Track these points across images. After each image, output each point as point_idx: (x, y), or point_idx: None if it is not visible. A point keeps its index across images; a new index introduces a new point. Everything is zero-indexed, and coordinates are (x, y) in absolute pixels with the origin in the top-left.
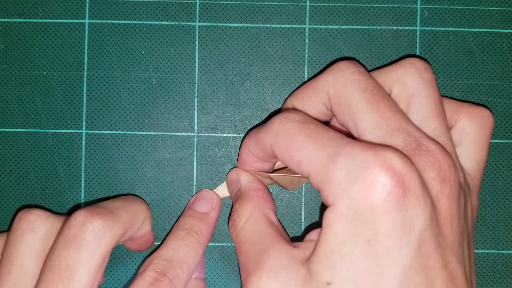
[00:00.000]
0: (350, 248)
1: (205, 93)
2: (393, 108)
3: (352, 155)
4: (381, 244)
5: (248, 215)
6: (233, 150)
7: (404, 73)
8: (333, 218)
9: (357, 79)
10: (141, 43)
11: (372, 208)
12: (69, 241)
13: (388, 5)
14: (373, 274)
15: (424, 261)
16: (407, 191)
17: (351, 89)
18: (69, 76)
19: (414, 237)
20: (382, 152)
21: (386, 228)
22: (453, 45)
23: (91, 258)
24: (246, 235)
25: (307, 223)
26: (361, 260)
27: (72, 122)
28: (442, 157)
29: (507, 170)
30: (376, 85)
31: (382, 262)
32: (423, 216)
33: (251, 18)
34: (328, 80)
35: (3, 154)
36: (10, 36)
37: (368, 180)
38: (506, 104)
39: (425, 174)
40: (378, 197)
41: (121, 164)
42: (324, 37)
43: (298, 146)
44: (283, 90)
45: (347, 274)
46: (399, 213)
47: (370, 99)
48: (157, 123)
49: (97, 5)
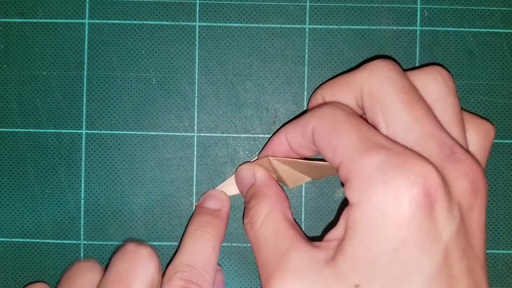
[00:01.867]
0: (377, 253)
1: (205, 93)
2: (428, 112)
3: (391, 154)
4: (408, 252)
5: (266, 213)
6: (233, 150)
7: (429, 80)
8: (359, 219)
9: (393, 78)
10: (141, 43)
11: (400, 214)
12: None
13: (388, 5)
14: (400, 280)
15: (449, 269)
16: (437, 202)
17: (386, 87)
18: (69, 76)
19: (440, 247)
20: (420, 160)
21: (413, 237)
22: (453, 45)
23: None
24: (264, 234)
25: (307, 223)
26: (388, 266)
27: (72, 122)
28: (475, 167)
29: (507, 170)
30: (412, 86)
31: (408, 270)
32: (450, 227)
33: (251, 18)
34: (363, 75)
35: (3, 154)
36: (10, 36)
37: (401, 184)
38: (506, 104)
39: (459, 183)
40: (408, 204)
41: (121, 164)
42: (324, 37)
43: (341, 131)
44: (283, 90)
45: (375, 278)
46: (427, 222)
47: (405, 100)
48: (157, 123)
49: (97, 5)
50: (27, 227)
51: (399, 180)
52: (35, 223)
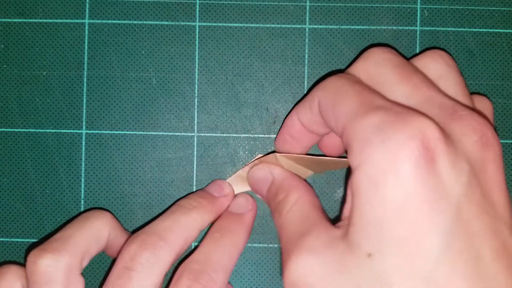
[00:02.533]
0: (383, 216)
1: (205, 93)
2: (425, 79)
3: (388, 113)
4: (415, 209)
5: (294, 201)
6: (233, 150)
7: (429, 60)
8: (361, 182)
9: (387, 58)
10: (141, 43)
11: (401, 171)
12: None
13: (388, 5)
14: (414, 242)
15: (466, 226)
16: (439, 155)
17: (382, 67)
18: (69, 76)
19: (451, 201)
20: (417, 116)
21: (418, 193)
22: (453, 45)
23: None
24: (290, 219)
25: None
26: (397, 228)
27: (72, 122)
28: (482, 122)
29: (507, 170)
30: (407, 62)
31: (419, 229)
32: (459, 181)
33: (251, 18)
34: (359, 66)
35: (3, 154)
36: (10, 36)
37: (399, 140)
38: (506, 104)
39: (466, 137)
40: (408, 160)
41: (121, 164)
42: (324, 37)
43: (344, 98)
44: (283, 90)
45: (387, 244)
46: (431, 177)
47: (402, 72)
48: (157, 123)
49: (97, 5)
50: (27, 227)
51: (397, 136)
52: (35, 223)
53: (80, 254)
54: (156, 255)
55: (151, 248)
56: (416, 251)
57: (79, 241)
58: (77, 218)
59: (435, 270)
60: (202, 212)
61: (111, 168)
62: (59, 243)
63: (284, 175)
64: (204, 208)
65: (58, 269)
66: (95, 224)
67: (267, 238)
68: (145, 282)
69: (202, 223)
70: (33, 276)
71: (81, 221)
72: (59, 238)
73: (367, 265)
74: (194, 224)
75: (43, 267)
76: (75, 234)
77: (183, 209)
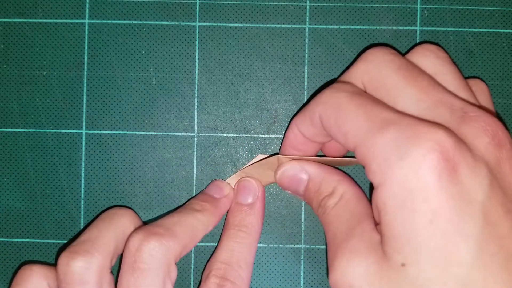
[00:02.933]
0: (413, 230)
1: (205, 93)
2: (432, 81)
3: (401, 128)
4: (445, 220)
5: (339, 197)
6: (233, 150)
7: (419, 58)
8: (387, 200)
9: (390, 59)
10: (141, 43)
11: (425, 186)
12: (132, 270)
13: (388, 5)
14: (447, 251)
15: (495, 230)
16: (459, 164)
17: (385, 70)
18: (69, 76)
19: (477, 207)
20: (431, 127)
21: (445, 204)
22: (453, 45)
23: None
24: (335, 214)
25: (307, 223)
26: (429, 239)
27: (72, 122)
28: (492, 121)
29: None
30: (409, 62)
31: (451, 238)
32: (481, 185)
33: (251, 18)
34: (359, 68)
35: (3, 154)
36: (10, 36)
37: (417, 156)
38: (506, 104)
39: (479, 140)
40: (430, 174)
41: (121, 164)
42: (324, 37)
43: (348, 115)
44: (283, 90)
45: (419, 255)
46: (455, 187)
47: (406, 75)
48: (157, 123)
49: (97, 5)
50: (27, 227)
51: (415, 152)
52: (35, 223)
53: (110, 253)
54: (163, 244)
55: (159, 238)
56: (450, 259)
57: (108, 241)
58: (102, 217)
59: (471, 274)
60: (206, 214)
61: (111, 168)
62: (89, 245)
63: (322, 170)
64: (207, 211)
65: (91, 270)
66: (121, 222)
67: (267, 238)
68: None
69: (207, 224)
70: (66, 277)
71: (107, 220)
72: (88, 239)
73: (402, 274)
74: (199, 225)
75: (76, 268)
76: (103, 235)
77: (188, 211)
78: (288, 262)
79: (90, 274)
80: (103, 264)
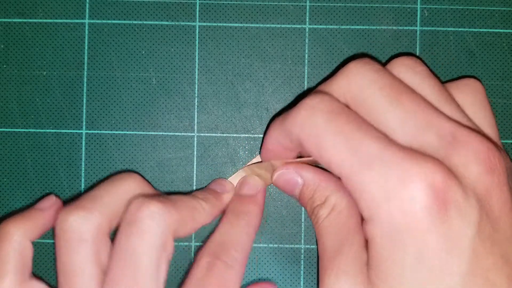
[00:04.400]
0: (400, 266)
1: (205, 93)
2: (416, 100)
3: (387, 165)
4: (432, 258)
5: (331, 208)
6: (233, 150)
7: (396, 73)
8: (375, 234)
9: (371, 78)
10: (141, 43)
11: (414, 226)
12: (129, 228)
13: (388, 5)
14: (433, 284)
15: (482, 263)
16: (448, 203)
17: (367, 90)
18: (69, 76)
19: (465, 244)
20: (418, 164)
21: (433, 243)
22: (453, 45)
23: (152, 241)
24: (327, 226)
25: (307, 223)
26: (415, 274)
27: (72, 122)
28: (484, 145)
29: None
30: (394, 79)
31: (438, 272)
32: (470, 223)
33: (251, 18)
34: (340, 83)
35: (3, 154)
36: (10, 36)
37: (405, 197)
38: (506, 104)
39: (470, 168)
40: (419, 214)
41: (121, 164)
42: (324, 37)
43: (327, 144)
44: (283, 90)
45: (406, 286)
46: (443, 226)
47: (390, 94)
48: (157, 123)
49: (97, 5)
50: None
51: (403, 193)
52: None
53: (110, 214)
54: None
55: (160, 203)
56: None
57: (109, 201)
58: (109, 180)
59: None
60: (208, 202)
61: (111, 168)
62: (89, 202)
63: (317, 177)
64: (209, 200)
65: (89, 227)
66: (126, 185)
67: (267, 238)
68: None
69: (208, 212)
70: (64, 234)
71: (110, 182)
72: (88, 197)
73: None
74: (200, 208)
75: (74, 223)
76: (106, 194)
77: (191, 196)
78: (288, 262)
79: (87, 231)
80: (101, 223)
